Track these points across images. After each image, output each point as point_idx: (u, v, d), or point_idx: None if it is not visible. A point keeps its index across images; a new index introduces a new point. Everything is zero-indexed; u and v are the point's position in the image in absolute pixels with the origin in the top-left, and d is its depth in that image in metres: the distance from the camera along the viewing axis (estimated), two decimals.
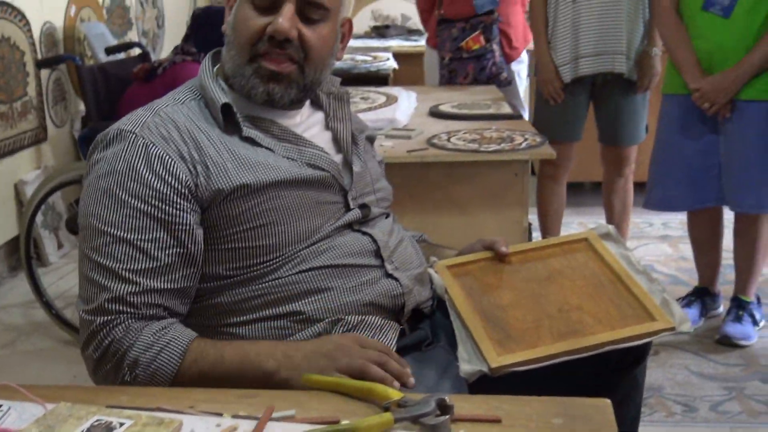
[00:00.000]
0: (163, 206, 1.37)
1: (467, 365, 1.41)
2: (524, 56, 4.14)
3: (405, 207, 2.33)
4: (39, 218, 3.77)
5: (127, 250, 1.36)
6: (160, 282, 1.37)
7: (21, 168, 4.03)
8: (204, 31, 3.47)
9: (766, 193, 2.95)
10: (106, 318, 1.34)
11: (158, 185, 1.38)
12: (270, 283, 1.45)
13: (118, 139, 1.42)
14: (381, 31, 5.81)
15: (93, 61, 4.28)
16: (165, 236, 1.37)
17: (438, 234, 2.00)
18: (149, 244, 1.36)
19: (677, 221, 4.34)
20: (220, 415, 1.17)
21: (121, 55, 4.21)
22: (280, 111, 1.55)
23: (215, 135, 1.47)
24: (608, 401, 1.18)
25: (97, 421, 1.15)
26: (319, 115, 1.65)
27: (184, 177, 1.39)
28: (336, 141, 1.63)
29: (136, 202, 1.37)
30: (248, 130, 1.49)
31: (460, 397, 1.21)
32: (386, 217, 1.66)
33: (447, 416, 1.12)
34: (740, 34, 2.86)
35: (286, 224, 1.46)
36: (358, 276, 1.50)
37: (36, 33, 4.13)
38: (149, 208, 1.37)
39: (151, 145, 1.40)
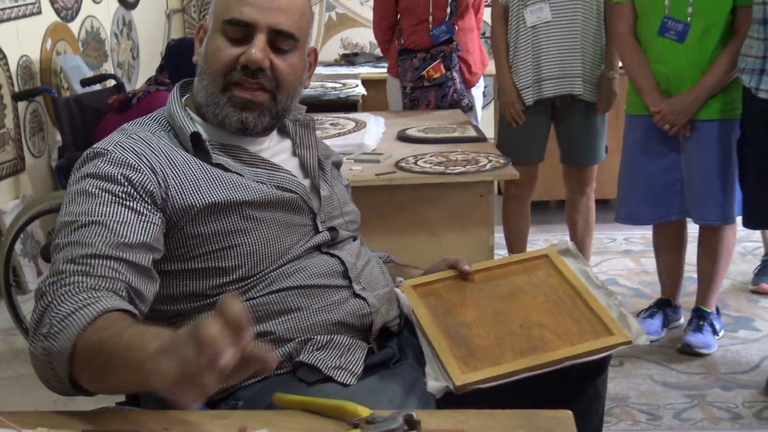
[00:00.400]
0: (132, 201, 1.37)
1: (434, 382, 1.42)
2: (481, 82, 4.18)
3: (374, 229, 2.34)
4: (18, 246, 3.73)
5: (95, 228, 1.32)
6: (123, 253, 1.31)
7: (0, 198, 3.99)
8: (177, 62, 3.47)
9: (727, 206, 3.00)
10: (58, 277, 1.27)
11: (128, 186, 1.38)
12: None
13: (92, 158, 1.42)
14: (350, 58, 5.83)
15: (69, 92, 4.26)
16: (133, 220, 1.35)
17: (406, 254, 2.00)
18: (117, 225, 1.33)
19: (639, 236, 4.37)
20: None
21: (97, 87, 4.19)
22: (249, 138, 1.56)
23: (189, 157, 1.48)
24: (569, 413, 1.19)
25: None
26: (287, 143, 1.66)
27: (151, 188, 1.40)
28: (303, 167, 1.63)
29: (106, 195, 1.36)
30: (217, 157, 1.50)
31: (426, 412, 1.21)
32: (354, 240, 1.67)
33: (414, 431, 1.13)
34: (695, 57, 2.90)
35: (257, 245, 1.47)
36: (326, 296, 1.50)
37: (13, 66, 4.11)
38: (119, 198, 1.36)
39: (124, 158, 1.41)
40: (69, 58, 4.47)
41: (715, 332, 3.17)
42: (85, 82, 4.14)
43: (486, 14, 5.10)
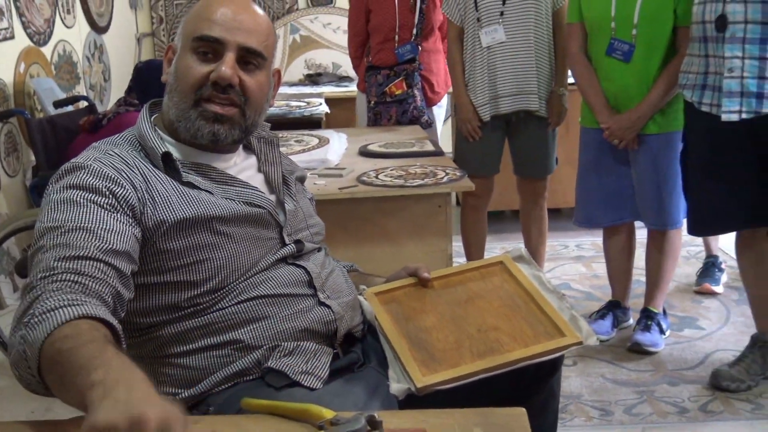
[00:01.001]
0: (116, 213, 1.36)
1: (396, 384, 1.42)
2: (444, 101, 4.21)
3: (338, 240, 2.34)
4: None
5: (83, 234, 1.30)
6: (111, 258, 1.30)
7: None
8: (145, 83, 3.45)
9: (673, 212, 3.05)
10: (50, 272, 1.25)
11: (112, 198, 1.37)
12: (211, 315, 1.45)
13: (72, 170, 1.41)
14: (314, 78, 5.83)
15: (42, 114, 4.21)
16: (118, 229, 1.34)
17: (370, 263, 2.01)
18: (105, 232, 1.32)
19: (590, 243, 4.42)
20: None
21: (70, 108, 4.14)
22: (216, 155, 1.56)
23: (161, 174, 1.48)
24: (523, 410, 1.20)
25: None
26: (252, 160, 1.66)
27: (132, 202, 1.39)
28: (268, 183, 1.64)
29: (92, 204, 1.35)
30: (187, 176, 1.50)
31: (388, 413, 1.22)
32: (319, 251, 1.67)
33: (377, 431, 1.13)
34: (640, 76, 2.95)
35: (226, 259, 1.47)
36: (293, 305, 1.50)
37: None
38: (104, 208, 1.35)
39: (106, 172, 1.40)
40: (42, 80, 4.42)
41: (662, 331, 3.21)
42: (57, 104, 4.09)
43: None
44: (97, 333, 1.17)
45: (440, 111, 4.17)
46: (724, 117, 2.51)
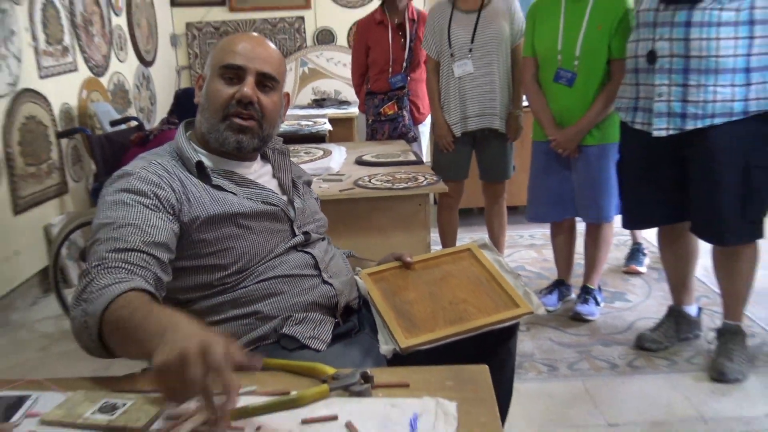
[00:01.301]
0: (159, 211, 1.36)
1: (385, 346, 1.42)
2: (428, 120, 4.21)
3: (339, 232, 2.33)
4: (64, 251, 3.67)
5: (131, 229, 1.30)
6: (152, 250, 1.31)
7: (48, 214, 3.92)
8: (183, 106, 3.44)
9: (606, 209, 3.05)
10: (101, 261, 1.26)
11: (155, 199, 1.37)
12: (237, 291, 1.45)
13: (123, 176, 1.41)
14: (319, 102, 5.81)
15: (101, 131, 4.20)
16: (160, 225, 1.34)
17: (364, 251, 2.00)
18: (149, 227, 1.32)
19: (540, 234, 4.43)
20: None
21: (122, 127, 4.13)
22: (239, 163, 1.56)
23: (194, 179, 1.47)
24: (486, 366, 1.21)
25: (105, 402, 1.12)
26: (268, 167, 1.66)
27: (172, 202, 1.39)
28: (281, 186, 1.63)
29: (139, 205, 1.35)
30: (216, 180, 1.49)
31: (378, 369, 1.22)
32: (323, 240, 1.67)
33: (368, 384, 1.14)
34: (581, 98, 2.95)
35: (248, 247, 1.46)
36: (302, 283, 1.50)
37: (56, 111, 4.03)
38: (149, 208, 1.35)
39: (150, 178, 1.40)
40: (100, 104, 4.40)
41: (597, 303, 3.22)
42: (113, 123, 4.08)
43: None
44: (144, 298, 1.18)
45: (425, 128, 4.17)
46: (655, 133, 2.51)
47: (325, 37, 6.00)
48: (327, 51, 6.00)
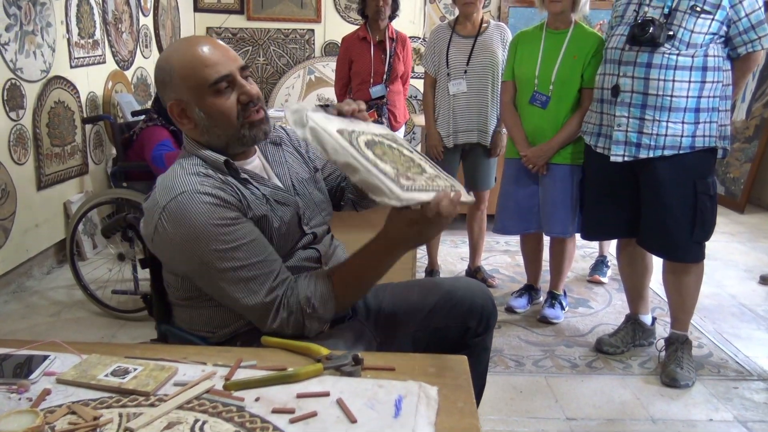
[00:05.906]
0: (239, 223, 1.31)
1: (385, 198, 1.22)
2: (402, 128, 4.22)
3: (336, 227, 2.31)
4: (80, 227, 3.63)
5: (266, 264, 1.34)
6: (278, 264, 1.36)
7: (69, 191, 3.89)
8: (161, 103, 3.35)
9: (568, 224, 3.02)
10: (274, 295, 1.33)
11: (229, 213, 1.31)
12: None
13: (176, 205, 1.29)
14: (323, 108, 5.80)
15: (123, 120, 4.17)
16: (259, 236, 1.34)
17: (354, 245, 1.99)
18: (263, 250, 1.34)
19: (514, 241, 4.41)
20: (204, 363, 1.16)
21: (143, 117, 4.09)
22: (243, 161, 1.46)
23: (231, 180, 1.38)
24: (465, 357, 1.21)
25: (118, 366, 1.12)
26: (265, 162, 1.54)
27: (233, 200, 1.33)
28: (283, 183, 1.52)
29: (256, 237, 1.34)
30: (243, 174, 1.40)
31: (368, 354, 1.22)
32: (327, 232, 1.61)
33: (359, 366, 1.14)
34: (552, 119, 2.94)
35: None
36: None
37: (83, 99, 4.00)
38: (234, 235, 1.30)
39: (206, 190, 1.31)
40: (124, 95, 4.38)
41: (562, 308, 3.23)
42: (134, 114, 4.04)
43: (417, 83, 5.14)
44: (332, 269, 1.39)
45: (400, 135, 4.18)
46: (612, 159, 2.54)
47: (332, 49, 5.99)
48: (333, 62, 5.98)
